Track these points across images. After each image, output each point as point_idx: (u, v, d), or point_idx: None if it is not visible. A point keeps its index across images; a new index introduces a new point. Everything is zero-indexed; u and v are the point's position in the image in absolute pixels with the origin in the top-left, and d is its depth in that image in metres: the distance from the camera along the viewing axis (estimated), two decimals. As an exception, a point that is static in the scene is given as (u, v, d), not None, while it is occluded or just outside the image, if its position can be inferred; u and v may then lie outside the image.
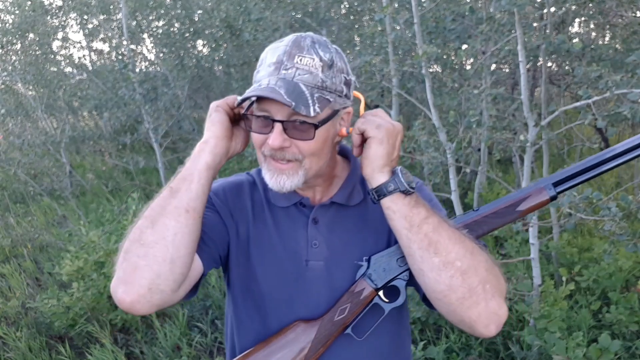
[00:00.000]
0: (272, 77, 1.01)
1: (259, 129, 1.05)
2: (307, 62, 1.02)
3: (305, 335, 1.09)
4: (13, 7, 8.08)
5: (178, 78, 6.24)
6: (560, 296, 2.93)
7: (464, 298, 0.95)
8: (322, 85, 1.03)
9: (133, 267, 0.95)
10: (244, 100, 1.03)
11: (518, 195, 1.07)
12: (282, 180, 1.06)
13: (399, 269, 1.07)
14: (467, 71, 4.02)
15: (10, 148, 6.69)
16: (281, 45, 1.04)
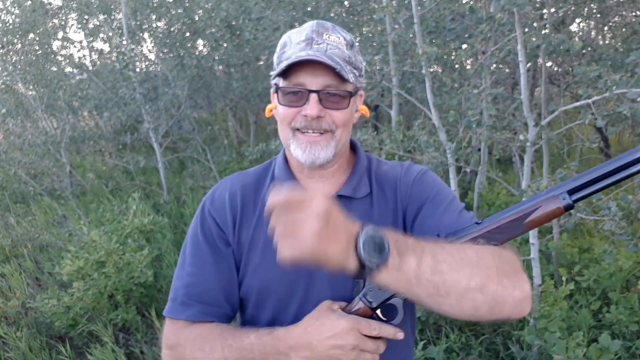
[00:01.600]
0: (305, 51, 1.04)
1: (289, 102, 1.06)
2: (334, 39, 1.07)
3: None
4: (13, 7, 8.09)
5: (178, 78, 6.24)
6: (560, 296, 2.93)
7: (491, 308, 0.89)
8: (349, 61, 1.08)
9: None
10: (285, 72, 1.04)
11: (526, 206, 0.96)
12: (316, 152, 1.07)
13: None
14: (467, 71, 4.02)
15: (11, 148, 6.70)
16: (305, 27, 1.09)
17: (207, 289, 1.12)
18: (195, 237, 1.17)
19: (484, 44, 3.38)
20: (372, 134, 3.48)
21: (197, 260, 1.15)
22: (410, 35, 3.69)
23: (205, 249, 1.15)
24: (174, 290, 1.15)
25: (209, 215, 1.16)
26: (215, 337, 1.06)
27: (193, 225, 1.19)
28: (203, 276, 1.13)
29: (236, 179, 1.22)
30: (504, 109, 3.70)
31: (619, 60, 3.88)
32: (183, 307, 1.12)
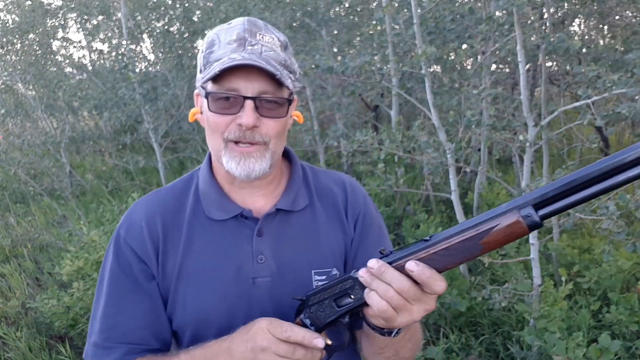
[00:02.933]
0: (237, 52, 0.95)
1: (221, 109, 0.96)
2: (268, 40, 0.99)
3: None
4: (13, 7, 8.09)
5: (178, 78, 6.24)
6: (560, 296, 2.93)
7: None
8: (285, 64, 1.00)
9: None
10: (215, 76, 0.94)
11: (482, 223, 0.80)
12: (250, 164, 0.98)
13: (338, 311, 0.91)
14: (467, 71, 4.02)
15: (10, 148, 6.69)
16: (235, 25, 0.99)
17: (130, 329, 1.02)
18: (112, 272, 1.05)
19: (484, 44, 3.38)
20: (371, 134, 3.48)
21: (116, 299, 1.04)
22: (409, 36, 3.69)
23: (126, 284, 1.04)
24: (93, 333, 1.05)
25: (126, 247, 1.04)
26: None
27: (109, 258, 1.06)
28: (124, 315, 1.03)
29: (151, 200, 1.10)
30: (503, 109, 3.70)
31: (619, 60, 3.89)
32: (105, 350, 1.02)
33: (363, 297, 0.86)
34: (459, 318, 3.22)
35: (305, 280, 1.06)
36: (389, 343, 0.93)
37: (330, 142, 4.31)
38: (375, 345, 0.96)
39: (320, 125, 5.76)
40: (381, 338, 0.91)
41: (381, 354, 0.97)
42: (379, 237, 1.15)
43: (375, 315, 0.84)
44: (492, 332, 3.16)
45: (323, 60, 3.40)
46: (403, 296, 0.80)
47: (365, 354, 1.03)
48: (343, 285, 0.90)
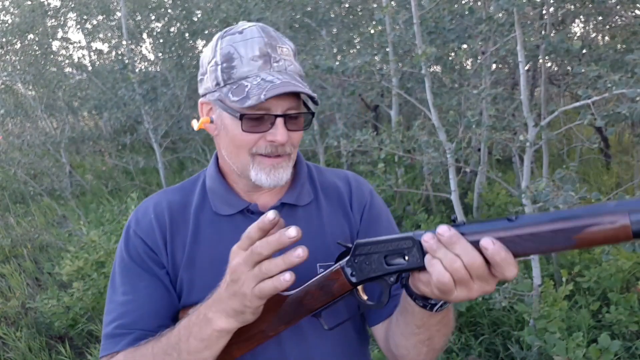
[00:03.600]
0: (266, 71, 0.97)
1: (251, 128, 0.98)
2: (286, 51, 1.01)
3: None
4: (13, 7, 8.09)
5: (177, 78, 6.24)
6: (560, 296, 2.93)
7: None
8: (301, 74, 1.03)
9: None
10: (270, 112, 0.98)
11: (582, 217, 0.71)
12: (279, 174, 1.01)
13: (386, 269, 0.86)
14: (467, 71, 4.02)
15: (10, 148, 6.70)
16: (252, 37, 0.99)
17: (141, 315, 1.02)
18: (124, 263, 1.06)
19: (484, 44, 3.38)
20: (371, 134, 3.48)
21: (128, 287, 1.04)
22: (409, 36, 3.70)
23: (137, 272, 1.05)
24: (105, 326, 1.04)
25: (136, 237, 1.06)
26: (146, 343, 0.96)
27: (119, 251, 1.08)
28: (136, 302, 1.03)
29: (159, 197, 1.13)
30: (503, 109, 3.71)
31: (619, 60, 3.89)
32: (116, 339, 1.01)
33: (418, 262, 0.82)
34: (459, 318, 3.22)
35: (310, 274, 1.04)
36: (427, 322, 0.89)
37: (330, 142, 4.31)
38: (411, 324, 0.91)
39: (320, 125, 5.76)
40: (420, 314, 0.87)
41: (416, 335, 0.92)
42: (388, 227, 1.15)
43: (430, 284, 0.79)
44: (492, 332, 3.16)
45: (323, 60, 3.41)
46: (469, 272, 0.75)
47: (396, 339, 0.98)
48: (399, 244, 0.84)
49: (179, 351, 0.88)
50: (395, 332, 0.98)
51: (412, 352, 0.96)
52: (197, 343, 0.87)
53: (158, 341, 0.93)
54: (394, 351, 1.01)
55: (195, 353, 0.88)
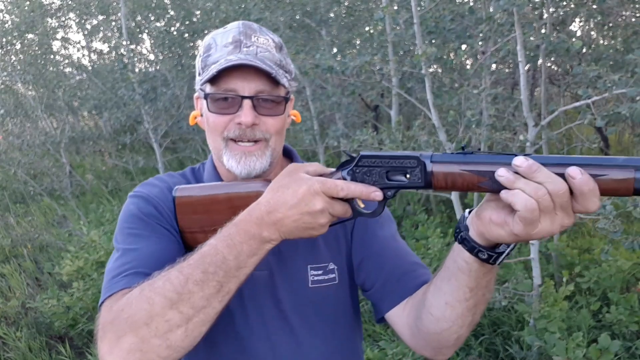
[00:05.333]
0: (234, 54, 0.99)
1: (220, 110, 0.99)
2: (263, 41, 1.03)
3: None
4: (12, 7, 8.09)
5: (177, 78, 6.24)
6: (560, 297, 2.93)
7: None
8: (281, 64, 1.04)
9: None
10: (213, 77, 0.97)
11: (594, 166, 0.74)
12: (251, 162, 1.01)
13: (387, 183, 0.87)
14: (467, 71, 4.02)
15: (10, 148, 6.69)
16: (231, 29, 1.03)
17: (157, 260, 0.93)
18: (134, 218, 1.01)
19: (484, 44, 3.38)
20: (371, 134, 3.48)
21: (138, 238, 0.98)
22: (409, 36, 3.69)
23: (151, 225, 1.00)
24: (110, 271, 0.95)
25: (149, 199, 1.03)
26: (166, 270, 0.86)
27: (127, 211, 1.03)
28: (149, 248, 0.96)
29: (166, 177, 1.12)
30: (503, 109, 3.70)
31: (619, 60, 3.88)
32: (128, 277, 0.91)
33: (418, 182, 0.84)
34: (459, 318, 3.22)
35: (301, 275, 1.07)
36: (480, 282, 0.86)
37: (330, 142, 4.31)
38: (463, 287, 0.87)
39: (320, 125, 5.75)
40: (476, 273, 0.85)
41: (466, 300, 0.88)
42: (383, 224, 1.13)
43: (507, 224, 0.76)
44: (492, 332, 3.16)
45: (323, 60, 3.40)
46: (554, 200, 0.72)
47: (438, 312, 0.92)
48: (404, 161, 0.85)
49: (226, 268, 0.83)
50: (437, 304, 0.92)
51: (455, 324, 0.92)
52: (247, 258, 0.85)
53: (185, 266, 0.84)
54: (432, 327, 0.95)
55: (245, 268, 0.85)
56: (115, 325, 0.82)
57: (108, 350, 0.81)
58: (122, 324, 0.81)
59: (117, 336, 0.81)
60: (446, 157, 0.82)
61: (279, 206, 0.84)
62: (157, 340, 0.80)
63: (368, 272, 1.09)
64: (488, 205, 0.80)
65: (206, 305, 0.82)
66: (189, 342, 0.83)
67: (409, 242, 4.01)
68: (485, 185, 0.78)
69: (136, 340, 0.80)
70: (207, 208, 0.99)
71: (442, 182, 0.82)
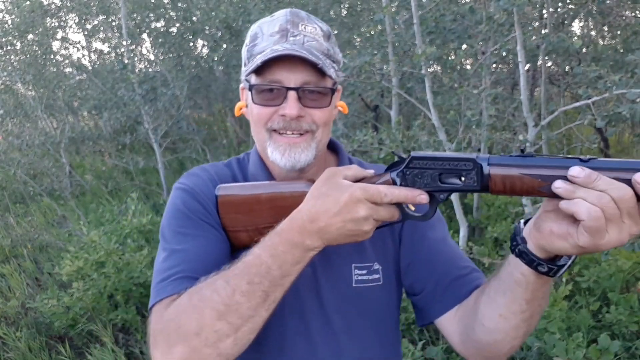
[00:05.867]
0: (280, 44, 0.96)
1: (264, 101, 0.98)
2: (311, 30, 1.00)
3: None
4: (13, 7, 8.09)
5: (177, 78, 6.24)
6: (560, 296, 2.93)
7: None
8: (328, 54, 1.01)
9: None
10: (258, 68, 0.95)
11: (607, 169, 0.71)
12: (296, 154, 0.99)
13: (440, 186, 0.85)
14: (467, 71, 4.02)
15: (10, 148, 6.69)
16: (278, 17, 1.00)
17: (205, 263, 0.94)
18: (180, 214, 1.01)
19: (484, 44, 3.38)
20: (371, 134, 3.48)
21: (186, 237, 0.98)
22: (409, 36, 3.70)
23: (197, 224, 1.00)
24: (159, 273, 0.96)
25: (195, 194, 1.03)
26: (212, 279, 0.87)
27: (173, 206, 1.04)
28: (197, 250, 0.96)
29: (211, 168, 1.11)
30: (503, 109, 3.70)
31: (619, 60, 3.89)
32: (177, 281, 0.92)
33: (474, 186, 0.81)
34: (459, 318, 3.22)
35: (345, 274, 1.05)
36: (537, 294, 0.84)
37: (330, 142, 4.28)
38: (520, 299, 0.85)
39: (320, 126, 5.74)
40: (534, 285, 0.82)
41: (521, 313, 0.85)
42: (433, 225, 1.10)
43: (571, 235, 0.72)
44: (492, 332, 3.15)
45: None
46: (619, 207, 0.68)
47: (491, 323, 0.90)
48: (459, 164, 0.82)
49: (271, 278, 0.84)
50: (491, 315, 0.89)
51: (510, 335, 0.89)
52: (290, 267, 0.85)
53: (231, 276, 0.86)
54: (484, 338, 0.92)
55: (290, 276, 0.86)
56: (166, 334, 0.85)
57: (161, 358, 0.85)
58: (173, 333, 0.84)
59: (169, 345, 0.84)
60: (505, 160, 0.79)
61: (321, 214, 0.83)
62: (207, 349, 0.83)
63: (417, 275, 1.07)
64: (547, 217, 0.76)
65: (253, 314, 0.84)
66: (238, 349, 0.85)
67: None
68: (546, 190, 0.75)
69: (188, 350, 0.83)
70: (249, 208, 0.98)
71: (500, 186, 0.79)
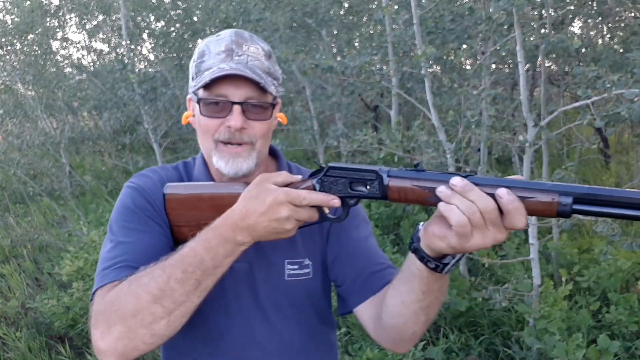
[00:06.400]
0: (226, 63, 1.07)
1: (211, 113, 1.08)
2: (254, 50, 1.11)
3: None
4: (13, 7, 8.08)
5: (177, 78, 6.24)
6: (560, 297, 2.93)
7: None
8: (269, 72, 1.12)
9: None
10: (206, 84, 1.05)
11: (524, 189, 0.83)
12: (239, 163, 1.10)
13: (349, 192, 0.98)
14: (467, 71, 4.03)
15: (10, 148, 6.69)
16: (224, 37, 1.11)
17: (147, 256, 1.02)
18: (128, 210, 1.10)
19: (483, 45, 3.38)
20: (371, 134, 3.48)
21: (131, 231, 1.07)
22: (409, 36, 3.70)
23: (143, 219, 1.09)
24: (103, 262, 1.04)
25: (143, 192, 1.12)
26: (151, 267, 0.96)
27: (121, 203, 1.12)
28: (140, 243, 1.05)
29: (159, 170, 1.21)
30: (503, 109, 3.70)
31: (618, 60, 3.89)
32: (119, 269, 1.01)
33: (375, 193, 0.95)
34: (459, 318, 3.22)
35: (279, 268, 1.17)
36: (432, 287, 0.95)
37: (330, 141, 4.31)
38: (416, 290, 0.97)
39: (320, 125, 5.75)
40: (427, 279, 0.94)
41: (419, 302, 0.98)
42: (358, 226, 1.22)
43: (446, 237, 0.84)
44: (492, 332, 3.16)
45: (323, 60, 3.41)
46: (484, 217, 0.81)
47: (395, 308, 1.02)
48: (365, 174, 0.96)
49: (204, 268, 0.94)
50: (394, 302, 1.02)
51: (410, 321, 1.01)
52: (222, 259, 0.95)
53: (167, 265, 0.95)
54: (390, 321, 1.04)
55: (221, 267, 0.96)
56: (106, 315, 0.94)
57: (100, 337, 0.94)
58: (113, 314, 0.94)
59: (108, 325, 0.93)
60: (401, 173, 0.93)
61: (250, 213, 0.94)
62: (143, 330, 0.92)
63: (340, 269, 1.19)
64: (434, 221, 0.89)
65: (186, 300, 0.94)
66: (171, 331, 0.95)
67: (408, 241, 4.01)
68: (431, 199, 0.88)
69: (125, 330, 0.92)
70: (193, 205, 1.09)
71: (396, 195, 0.93)
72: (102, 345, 0.93)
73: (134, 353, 0.94)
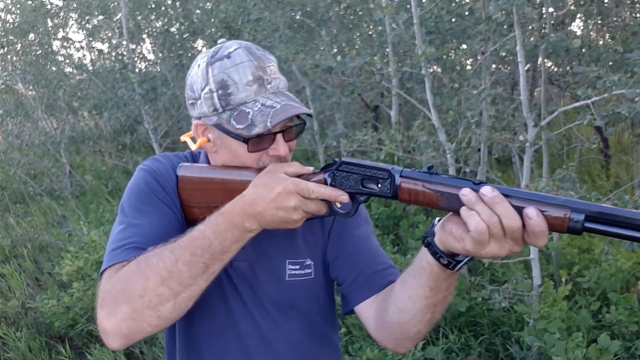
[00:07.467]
0: (262, 95, 1.04)
1: (257, 147, 1.05)
2: (274, 69, 1.07)
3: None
4: (14, 6, 8.09)
5: (177, 78, 6.24)
6: (560, 297, 2.93)
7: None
8: (287, 86, 1.11)
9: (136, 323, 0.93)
10: (272, 132, 1.04)
11: (539, 202, 0.81)
12: None
13: (360, 189, 0.97)
14: (467, 71, 4.02)
15: (10, 148, 6.69)
16: (242, 62, 1.03)
17: (157, 238, 1.01)
18: (141, 193, 1.10)
19: (483, 44, 3.38)
20: (371, 134, 3.48)
21: (142, 214, 1.06)
22: (409, 36, 3.70)
23: (155, 203, 1.08)
24: (113, 243, 1.04)
25: (156, 176, 1.12)
26: (160, 248, 0.96)
27: (134, 185, 1.13)
28: (151, 226, 1.05)
29: (170, 157, 1.20)
30: (503, 109, 3.70)
31: (619, 60, 3.88)
32: (128, 250, 1.00)
33: (386, 192, 0.94)
34: (459, 318, 3.22)
35: (279, 269, 1.16)
36: (441, 284, 0.94)
37: (330, 141, 4.31)
38: (425, 286, 0.95)
39: (320, 125, 5.76)
40: (437, 275, 0.92)
41: (426, 299, 0.96)
42: (359, 225, 1.21)
43: (463, 240, 0.83)
44: (492, 332, 3.16)
45: (323, 60, 3.41)
46: (505, 230, 0.80)
47: (402, 304, 1.01)
48: (377, 172, 0.95)
49: (212, 252, 0.94)
50: (402, 295, 1.00)
51: (416, 318, 1.00)
52: (230, 244, 0.95)
53: (176, 247, 0.95)
54: (395, 318, 1.03)
55: (229, 252, 0.96)
56: (113, 295, 0.94)
57: (106, 317, 0.93)
58: (120, 294, 0.93)
59: (115, 305, 0.92)
60: (414, 174, 0.91)
61: (259, 200, 0.94)
62: (149, 311, 0.92)
63: (342, 268, 1.18)
64: (452, 219, 0.87)
65: (193, 283, 0.93)
66: (177, 314, 0.94)
67: (408, 241, 4.01)
68: (442, 204, 0.88)
69: (131, 310, 0.91)
70: (205, 187, 1.10)
71: (406, 196, 0.92)
72: (107, 325, 0.93)
73: (138, 335, 0.93)
